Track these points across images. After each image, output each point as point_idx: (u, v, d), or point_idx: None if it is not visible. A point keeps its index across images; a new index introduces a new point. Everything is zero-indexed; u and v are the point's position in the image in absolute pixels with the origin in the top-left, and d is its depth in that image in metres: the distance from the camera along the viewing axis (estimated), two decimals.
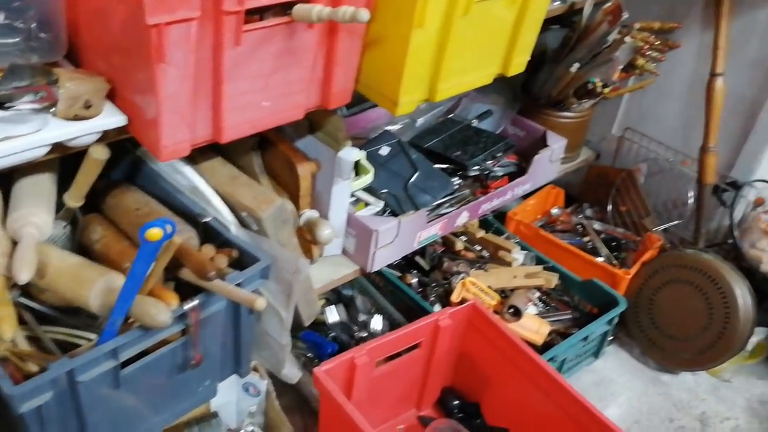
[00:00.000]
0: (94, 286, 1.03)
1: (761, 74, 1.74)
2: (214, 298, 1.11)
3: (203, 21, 0.94)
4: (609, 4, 1.72)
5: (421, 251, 1.92)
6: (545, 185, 2.05)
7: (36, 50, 1.04)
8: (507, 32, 1.34)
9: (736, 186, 1.81)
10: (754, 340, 1.83)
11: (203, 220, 1.22)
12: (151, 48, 0.91)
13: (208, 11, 0.94)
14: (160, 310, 0.99)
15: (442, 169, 1.78)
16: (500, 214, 2.06)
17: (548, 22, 1.87)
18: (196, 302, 1.06)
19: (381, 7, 1.16)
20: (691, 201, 1.91)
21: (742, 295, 1.72)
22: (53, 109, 0.99)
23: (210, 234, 1.22)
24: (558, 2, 1.79)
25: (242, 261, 1.18)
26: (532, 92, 1.94)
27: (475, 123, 1.96)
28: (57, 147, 1.00)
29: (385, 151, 1.75)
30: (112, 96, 1.05)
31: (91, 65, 1.08)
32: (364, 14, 0.96)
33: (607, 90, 1.80)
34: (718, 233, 1.95)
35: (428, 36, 1.17)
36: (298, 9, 1.01)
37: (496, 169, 1.84)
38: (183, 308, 1.06)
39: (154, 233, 0.92)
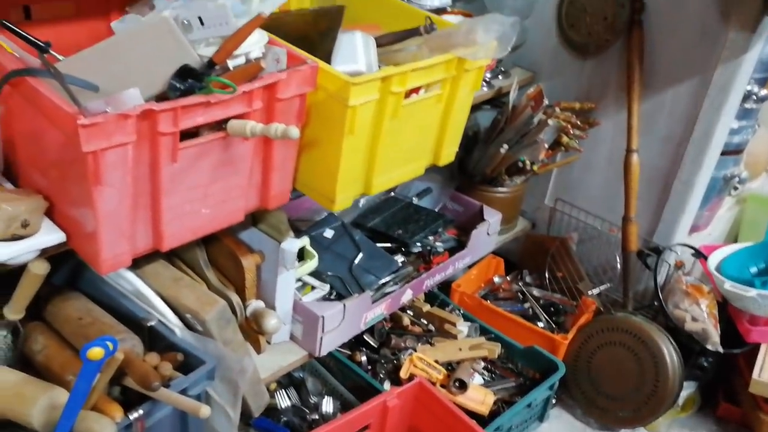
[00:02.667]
0: (37, 404, 1.03)
1: (671, 148, 1.87)
2: (160, 405, 1.12)
3: (139, 143, 0.98)
4: (532, 89, 1.84)
5: (370, 328, 1.96)
6: (485, 256, 2.12)
7: None
8: (435, 127, 1.42)
9: (658, 251, 1.91)
10: (684, 395, 1.92)
11: (148, 324, 1.24)
12: (88, 172, 0.94)
13: (144, 134, 0.98)
14: (104, 425, 1.00)
15: (386, 248, 1.84)
16: (446, 284, 2.12)
17: (479, 104, 1.98)
18: (140, 412, 1.07)
19: (314, 114, 1.22)
20: (619, 266, 2.01)
21: (669, 353, 1.81)
22: None
23: (155, 337, 1.24)
24: (486, 88, 1.90)
25: (188, 363, 1.19)
26: (468, 170, 2.03)
27: (415, 201, 2.03)
28: None
29: (329, 233, 1.80)
30: (50, 211, 1.07)
31: (28, 181, 1.10)
32: (294, 132, 1.01)
33: (536, 167, 1.90)
34: (645, 295, 2.05)
35: (360, 140, 1.24)
36: (233, 125, 1.06)
37: (437, 244, 1.91)
38: (129, 419, 1.06)
39: (96, 352, 0.94)
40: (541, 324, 2.06)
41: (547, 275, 2.14)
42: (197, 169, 1.08)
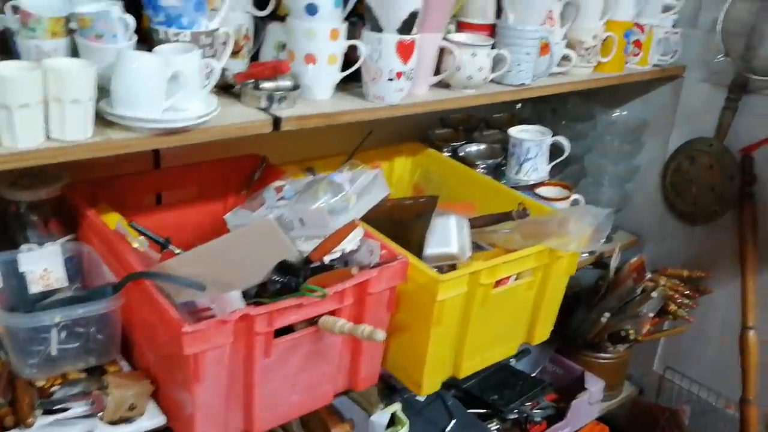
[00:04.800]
0: None
1: None
2: None
3: (236, 342, 1.06)
4: (634, 259, 1.80)
5: None
6: (587, 424, 2.02)
7: (92, 352, 1.17)
8: (528, 311, 1.42)
9: None
10: None
11: None
12: (189, 370, 1.02)
13: (240, 334, 1.05)
14: None
15: (480, 413, 1.80)
16: None
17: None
18: None
19: (404, 301, 1.26)
20: None
21: None
22: (100, 413, 1.10)
23: None
24: (586, 254, 1.88)
25: None
26: (569, 332, 1.98)
27: (513, 362, 2.00)
28: None
29: (422, 396, 1.80)
30: (156, 392, 1.16)
31: (141, 362, 1.20)
32: (380, 335, 1.05)
33: (639, 337, 1.82)
34: None
35: (448, 329, 1.26)
36: (324, 322, 1.12)
37: (534, 412, 1.85)
38: None
39: None
40: None
41: None
42: (289, 361, 1.14)
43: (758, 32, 1.65)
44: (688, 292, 1.84)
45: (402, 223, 1.42)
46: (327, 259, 1.20)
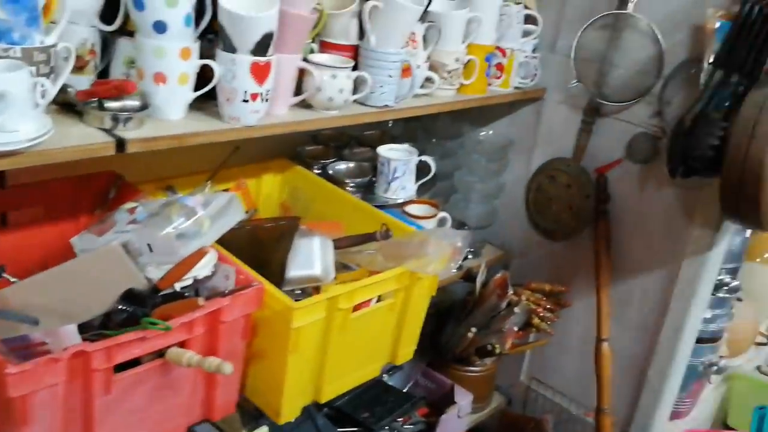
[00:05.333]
0: None
1: (645, 336, 1.85)
2: None
3: (71, 380, 0.99)
4: (499, 275, 1.86)
5: None
6: None
7: None
8: (390, 332, 1.43)
9: None
10: None
11: None
12: (15, 413, 0.95)
13: (76, 371, 0.99)
14: None
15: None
16: None
17: None
18: None
19: (260, 327, 1.23)
20: None
21: None
22: None
23: None
24: (454, 270, 1.92)
25: None
26: (440, 345, 2.02)
27: (386, 377, 2.00)
28: None
29: None
30: None
31: None
32: (228, 368, 1.02)
33: (504, 351, 1.88)
34: None
35: (305, 356, 1.24)
36: (171, 354, 1.08)
37: (405, 428, 1.86)
38: None
39: None
40: None
41: None
42: (134, 396, 1.08)
43: (608, 61, 1.75)
44: (549, 306, 1.92)
45: (264, 245, 1.39)
46: (178, 286, 1.16)
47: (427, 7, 1.49)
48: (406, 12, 1.41)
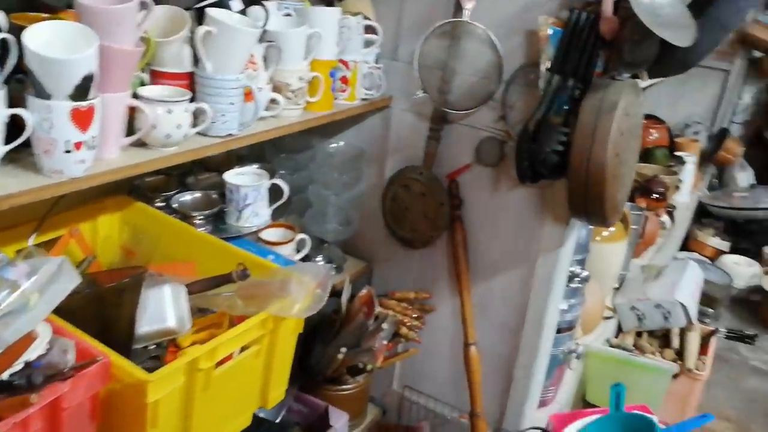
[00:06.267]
0: None
1: (509, 335, 1.90)
2: None
3: None
4: (364, 291, 1.82)
5: None
6: None
7: None
8: (258, 377, 1.34)
9: None
10: None
11: None
12: None
13: None
14: None
15: None
16: None
17: None
18: None
19: (113, 400, 1.10)
20: None
21: None
22: None
23: None
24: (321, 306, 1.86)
25: None
26: (310, 367, 1.95)
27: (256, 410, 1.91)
28: None
29: None
30: None
31: None
32: None
33: (376, 367, 1.85)
34: None
35: (167, 425, 1.13)
36: None
37: None
38: None
39: None
40: None
41: None
42: None
43: (450, 68, 1.75)
44: (416, 315, 1.92)
45: (107, 303, 1.24)
46: (6, 375, 1.00)
47: (264, 26, 1.40)
48: (242, 36, 1.31)
